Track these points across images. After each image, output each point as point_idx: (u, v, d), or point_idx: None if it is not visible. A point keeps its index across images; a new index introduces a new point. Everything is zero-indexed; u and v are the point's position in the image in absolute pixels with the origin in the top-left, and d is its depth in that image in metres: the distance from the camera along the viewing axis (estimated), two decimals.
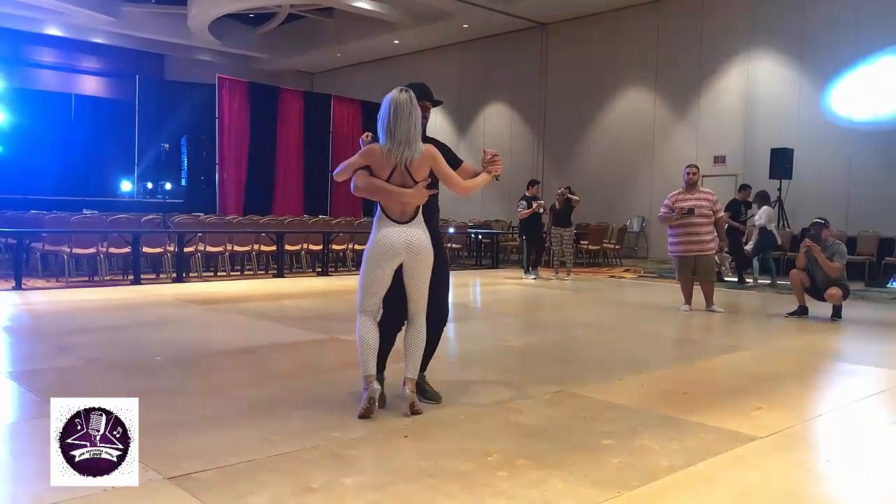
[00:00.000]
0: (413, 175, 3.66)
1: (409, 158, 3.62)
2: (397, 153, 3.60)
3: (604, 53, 17.67)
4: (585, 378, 4.67)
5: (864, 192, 13.52)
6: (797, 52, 14.55)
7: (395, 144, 3.60)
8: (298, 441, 3.24)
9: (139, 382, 4.31)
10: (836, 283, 7.43)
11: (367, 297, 3.71)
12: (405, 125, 3.58)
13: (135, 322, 6.85)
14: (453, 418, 3.68)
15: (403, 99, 3.59)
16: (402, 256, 3.66)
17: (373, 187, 3.67)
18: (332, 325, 6.71)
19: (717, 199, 8.17)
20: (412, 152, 3.62)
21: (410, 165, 3.64)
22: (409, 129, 3.59)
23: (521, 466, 2.98)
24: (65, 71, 23.20)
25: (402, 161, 3.62)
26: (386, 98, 3.63)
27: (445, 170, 3.77)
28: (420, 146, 3.66)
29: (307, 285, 10.35)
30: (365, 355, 3.65)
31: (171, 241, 10.64)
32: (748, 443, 3.36)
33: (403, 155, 3.61)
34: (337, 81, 24.25)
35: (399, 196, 3.66)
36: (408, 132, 3.59)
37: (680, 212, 7.90)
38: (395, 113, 3.58)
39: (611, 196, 17.29)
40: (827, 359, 5.75)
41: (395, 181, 3.66)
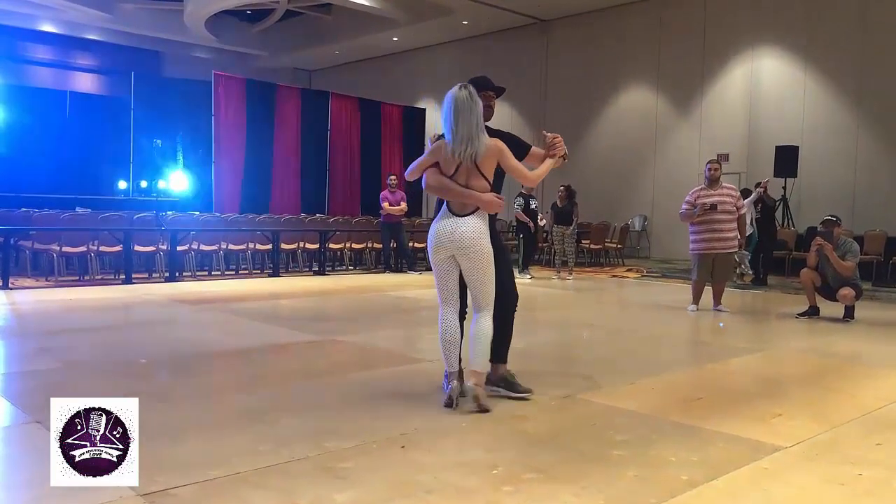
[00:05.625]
0: (480, 169, 3.68)
1: (473, 154, 3.64)
2: (460, 150, 3.63)
3: (605, 50, 17.43)
4: (594, 382, 4.43)
5: (870, 190, 13.30)
6: (802, 49, 14.32)
7: (458, 142, 3.62)
8: (287, 451, 2.99)
9: (120, 387, 4.06)
10: (849, 283, 7.20)
11: (442, 290, 3.78)
12: (466, 122, 3.61)
13: (123, 322, 6.61)
14: (455, 427, 3.44)
15: (463, 96, 3.62)
16: (450, 248, 3.68)
17: (444, 187, 3.70)
18: (327, 326, 6.47)
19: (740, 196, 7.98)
20: (475, 148, 3.64)
21: (477, 160, 3.65)
22: (472, 125, 3.62)
23: (529, 481, 2.74)
24: (59, 68, 22.94)
25: (467, 158, 3.64)
26: (448, 95, 3.67)
27: (512, 163, 3.75)
28: (484, 140, 3.66)
29: (303, 285, 10.10)
30: (445, 350, 3.71)
31: (164, 239, 10.39)
32: (773, 453, 3.11)
33: (467, 151, 3.63)
34: (335, 79, 23.99)
35: (469, 198, 3.67)
36: (469, 129, 3.61)
37: (702, 208, 7.66)
38: (455, 110, 3.61)
39: (613, 195, 17.05)
40: (844, 361, 5.51)
41: (461, 176, 3.68)
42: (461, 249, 3.64)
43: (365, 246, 13.24)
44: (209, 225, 11.90)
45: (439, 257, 3.71)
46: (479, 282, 3.70)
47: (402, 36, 20.62)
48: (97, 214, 11.34)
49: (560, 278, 11.58)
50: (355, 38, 21.25)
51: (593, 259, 14.86)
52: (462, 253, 3.65)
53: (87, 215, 11.66)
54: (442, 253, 3.69)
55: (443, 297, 3.78)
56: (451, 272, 3.74)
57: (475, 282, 3.70)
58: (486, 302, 3.73)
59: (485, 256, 3.67)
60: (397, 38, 20.95)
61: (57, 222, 10.45)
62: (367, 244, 13.23)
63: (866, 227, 12.45)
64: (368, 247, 13.24)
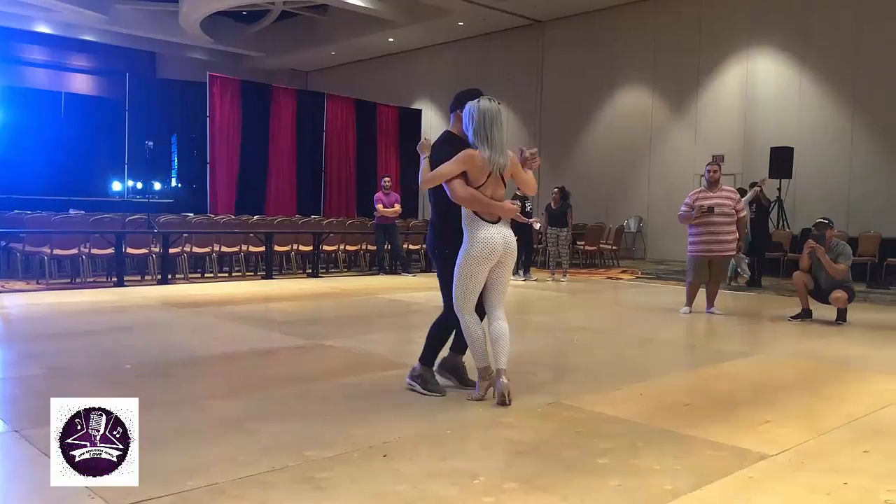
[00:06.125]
0: (504, 178, 3.92)
1: (503, 165, 3.86)
2: (495, 160, 3.81)
3: (601, 51, 17.42)
4: (581, 387, 4.40)
5: (865, 191, 13.29)
6: (798, 50, 14.31)
7: (497, 153, 3.81)
8: (267, 461, 2.96)
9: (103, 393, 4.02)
10: (841, 286, 7.17)
11: (471, 297, 3.91)
12: (500, 134, 3.83)
13: (112, 326, 6.56)
14: (438, 434, 3.41)
15: (494, 108, 3.82)
16: (500, 254, 3.87)
17: (476, 199, 3.82)
18: (317, 330, 6.43)
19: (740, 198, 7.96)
20: (505, 159, 3.88)
21: (503, 170, 3.88)
22: (503, 137, 3.86)
23: (510, 491, 2.71)
24: (54, 69, 22.89)
25: (498, 168, 3.84)
26: (472, 107, 3.83)
27: (523, 174, 4.07)
28: (508, 155, 3.92)
29: (296, 287, 10.06)
30: (480, 349, 3.90)
31: (156, 241, 10.34)
32: (758, 462, 3.08)
33: (500, 162, 3.83)
34: (331, 80, 23.96)
35: (499, 211, 3.88)
36: (501, 141, 3.84)
37: (700, 210, 7.62)
38: (490, 121, 3.79)
39: (608, 196, 17.03)
40: (835, 366, 5.48)
41: (489, 185, 3.84)
42: (509, 250, 3.92)
43: (359, 248, 13.20)
44: (201, 227, 11.85)
45: (489, 264, 3.87)
46: (506, 283, 4.01)
47: (398, 37, 20.59)
48: (89, 217, 11.29)
49: (555, 280, 11.55)
50: (351, 38, 21.23)
51: (588, 260, 14.83)
52: (509, 253, 3.93)
53: (79, 217, 11.60)
54: (494, 260, 3.87)
55: (470, 303, 3.92)
56: (484, 275, 3.91)
57: (505, 283, 4.01)
58: (503, 301, 4.05)
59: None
60: (393, 39, 20.92)
61: (48, 224, 10.41)
62: (361, 246, 13.19)
63: (861, 228, 12.44)
64: (363, 249, 13.21)
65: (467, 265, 3.84)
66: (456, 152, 3.84)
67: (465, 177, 3.81)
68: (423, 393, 4.08)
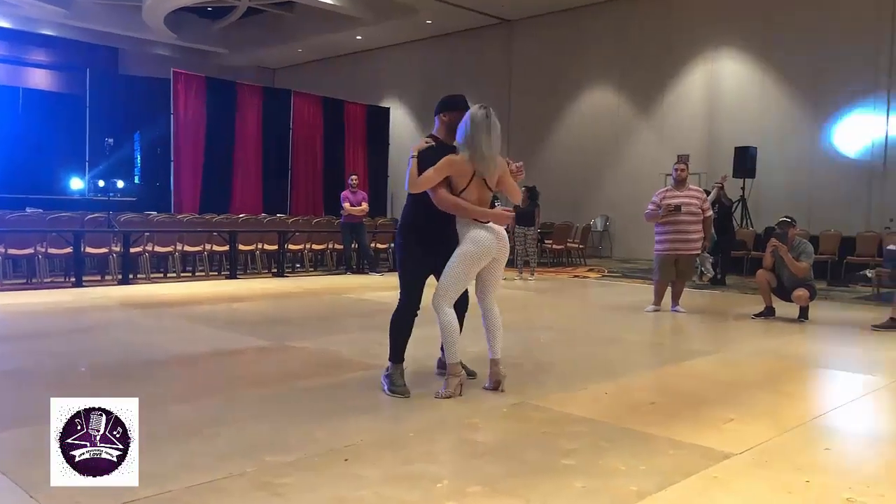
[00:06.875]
0: (488, 182, 3.96)
1: (484, 171, 3.91)
2: (482, 166, 3.88)
3: (569, 51, 17.49)
4: (547, 387, 4.38)
5: (825, 191, 13.52)
6: (761, 53, 14.53)
7: (480, 158, 3.86)
8: (224, 466, 2.87)
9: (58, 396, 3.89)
10: (803, 284, 7.26)
11: (454, 294, 4.01)
12: (487, 139, 3.84)
13: (68, 328, 6.38)
14: (402, 437, 3.35)
15: (482, 115, 3.85)
16: (495, 252, 3.98)
17: (458, 208, 3.92)
18: (282, 331, 6.32)
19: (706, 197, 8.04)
20: (486, 166, 3.90)
21: (486, 176, 3.94)
22: (492, 143, 3.88)
23: (473, 494, 2.66)
24: (12, 64, 22.29)
25: (480, 173, 3.90)
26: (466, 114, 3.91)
27: (510, 183, 4.13)
28: (498, 161, 3.98)
29: (261, 287, 9.91)
30: (454, 345, 3.99)
31: (117, 240, 10.11)
32: (722, 461, 3.08)
33: (480, 167, 3.87)
34: (298, 77, 23.69)
35: (493, 219, 3.98)
36: (489, 146, 3.86)
37: (667, 209, 7.66)
38: (475, 128, 3.83)
39: (575, 195, 17.11)
40: (797, 363, 5.54)
41: (473, 188, 3.92)
42: (503, 247, 4.02)
43: (326, 247, 13.07)
44: (164, 226, 11.63)
45: (483, 263, 3.98)
46: (497, 280, 4.17)
47: (366, 35, 20.45)
48: (46, 215, 11.00)
49: (522, 279, 11.56)
50: (318, 36, 21.03)
51: (555, 259, 14.88)
52: (503, 250, 4.03)
53: (35, 216, 11.30)
54: (488, 259, 3.98)
55: (451, 299, 4.00)
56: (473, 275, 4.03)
57: (499, 278, 4.18)
58: (495, 296, 4.20)
59: None
60: (361, 37, 20.78)
61: (2, 223, 10.11)
62: (327, 245, 13.06)
63: (822, 227, 12.64)
64: (329, 248, 13.08)
65: (461, 263, 3.94)
66: (439, 159, 3.89)
67: (450, 181, 3.91)
68: (387, 394, 4.03)
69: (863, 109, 13.29)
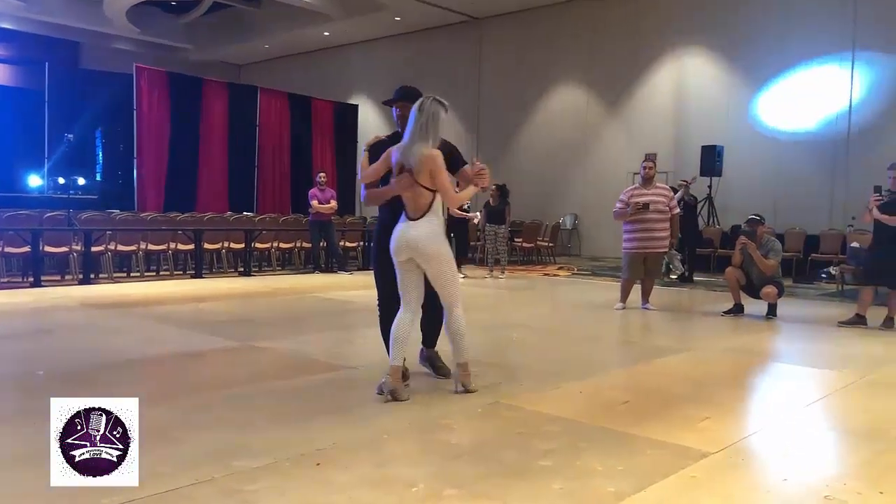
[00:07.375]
0: (416, 177, 3.76)
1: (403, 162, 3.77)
2: (402, 157, 3.79)
3: (537, 49, 17.50)
4: (521, 386, 4.33)
5: (790, 190, 13.69)
6: (728, 53, 14.68)
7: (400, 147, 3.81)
8: (191, 472, 2.76)
9: (10, 403, 3.74)
10: (771, 281, 7.33)
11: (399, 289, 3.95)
12: (411, 129, 3.76)
13: (26, 330, 6.16)
14: (375, 439, 3.26)
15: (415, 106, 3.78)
16: (406, 251, 3.81)
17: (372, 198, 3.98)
18: (249, 331, 6.18)
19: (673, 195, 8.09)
20: (407, 158, 3.76)
21: (412, 168, 3.75)
22: (414, 132, 3.75)
23: (449, 498, 2.59)
24: None
25: (404, 163, 3.78)
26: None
27: (440, 181, 3.79)
28: (418, 151, 3.73)
29: (226, 286, 9.72)
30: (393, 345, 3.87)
31: (78, 239, 9.83)
32: (700, 460, 3.05)
33: (408, 160, 3.75)
34: (265, 74, 23.37)
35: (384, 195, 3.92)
36: (411, 136, 3.76)
37: (635, 207, 7.67)
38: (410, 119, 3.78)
39: (544, 193, 17.13)
40: (767, 361, 5.58)
41: (402, 181, 3.79)
42: (415, 252, 3.79)
43: (293, 245, 12.89)
44: (127, 224, 11.35)
45: (398, 260, 3.87)
46: (438, 282, 3.86)
47: (334, 31, 20.25)
48: (3, 213, 10.65)
49: (493, 277, 11.52)
50: (285, 32, 20.75)
51: (525, 257, 14.88)
52: (417, 255, 3.79)
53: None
54: (400, 255, 3.85)
55: (402, 298, 3.92)
56: (407, 274, 3.87)
57: (433, 281, 3.87)
58: (448, 301, 3.91)
59: (440, 257, 3.82)
60: (328, 33, 20.57)
61: None
62: (295, 243, 12.88)
63: (787, 225, 12.81)
64: (297, 246, 12.91)
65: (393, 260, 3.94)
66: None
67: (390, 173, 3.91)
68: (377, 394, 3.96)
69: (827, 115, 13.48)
